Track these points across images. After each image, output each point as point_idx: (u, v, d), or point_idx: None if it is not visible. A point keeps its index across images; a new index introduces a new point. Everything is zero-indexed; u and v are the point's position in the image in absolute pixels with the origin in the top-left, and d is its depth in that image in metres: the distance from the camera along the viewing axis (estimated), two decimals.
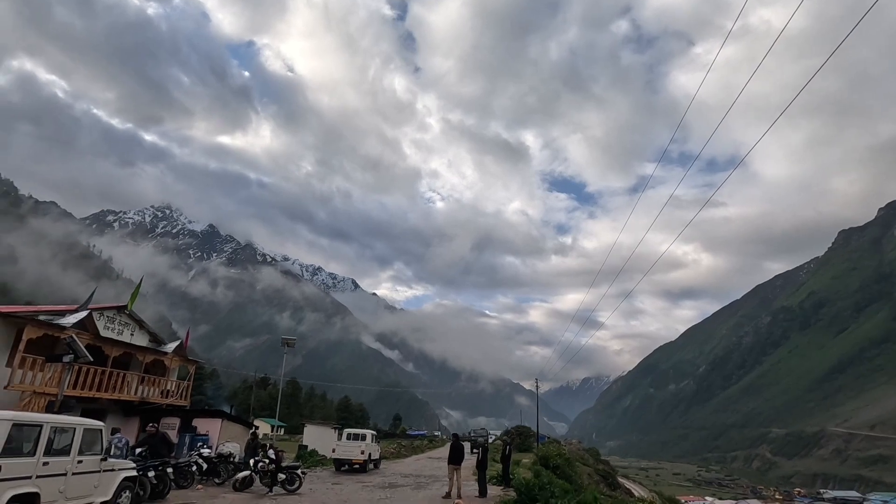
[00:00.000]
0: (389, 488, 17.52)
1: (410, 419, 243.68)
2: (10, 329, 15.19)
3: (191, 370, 23.93)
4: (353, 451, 23.72)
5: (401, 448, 43.16)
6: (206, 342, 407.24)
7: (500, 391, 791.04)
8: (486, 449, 16.64)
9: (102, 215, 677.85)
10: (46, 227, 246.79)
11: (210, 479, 16.36)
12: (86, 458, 8.42)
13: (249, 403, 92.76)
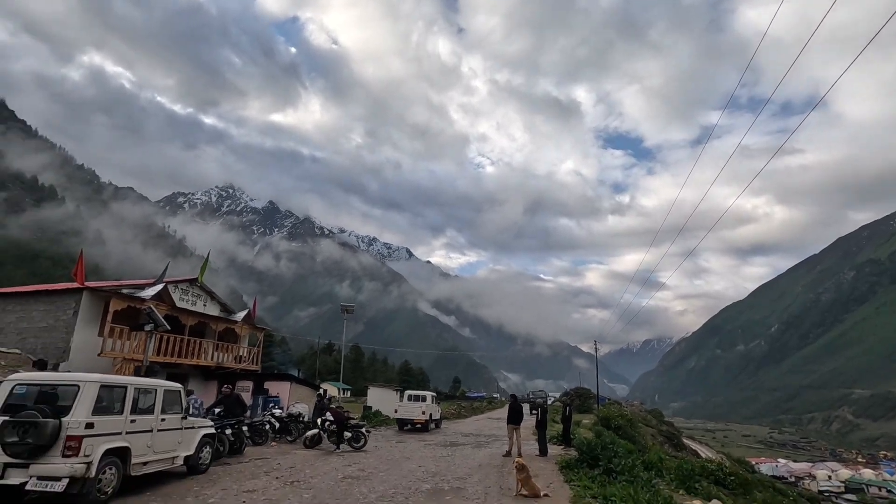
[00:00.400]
0: (450, 446, 17.95)
1: (469, 382, 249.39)
2: (99, 302, 16.59)
3: (259, 337, 25.37)
4: (415, 412, 24.48)
5: (461, 409, 44.27)
6: (273, 312, 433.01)
7: (558, 354, 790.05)
8: (546, 409, 16.55)
9: (174, 197, 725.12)
10: (126, 210, 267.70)
11: (283, 437, 17.44)
12: (168, 416, 9.08)
13: (316, 368, 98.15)
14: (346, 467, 11.83)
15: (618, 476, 10.66)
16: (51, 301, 16.56)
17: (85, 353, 15.78)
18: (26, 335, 16.24)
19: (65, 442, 6.91)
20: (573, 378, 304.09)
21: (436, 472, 11.53)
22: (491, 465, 13.01)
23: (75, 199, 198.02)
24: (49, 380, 7.64)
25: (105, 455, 7.36)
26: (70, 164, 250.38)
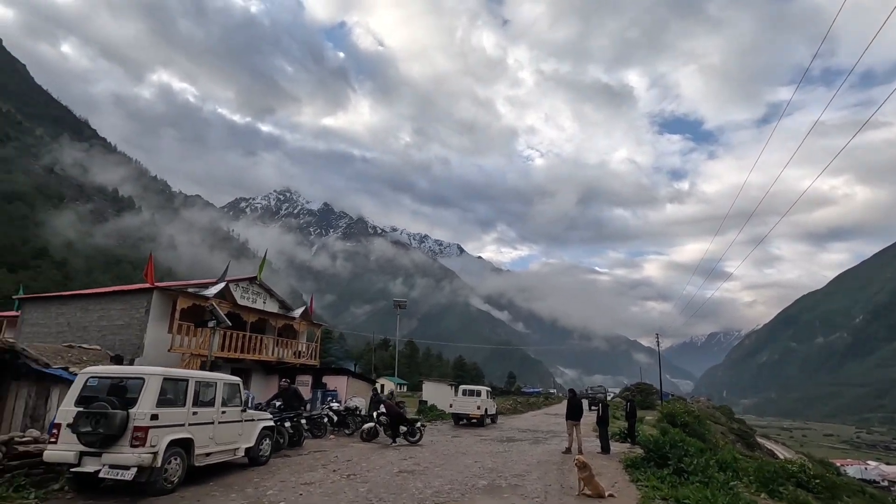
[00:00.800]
0: (507, 442, 17.56)
1: (524, 377, 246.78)
2: (168, 301, 17.55)
3: (317, 333, 26.05)
4: (470, 406, 24.26)
5: (517, 404, 43.66)
6: (331, 310, 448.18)
7: (616, 348, 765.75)
8: (607, 405, 15.79)
9: (237, 202, 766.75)
10: (194, 216, 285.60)
11: (341, 430, 17.72)
12: (228, 408, 9.32)
13: (372, 363, 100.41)
14: (401, 461, 11.75)
15: (689, 476, 9.88)
16: (126, 300, 17.71)
17: (157, 348, 16.72)
18: (106, 332, 17.45)
19: (132, 432, 7.18)
20: (633, 373, 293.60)
21: (492, 468, 11.20)
22: (550, 463, 12.52)
23: (150, 208, 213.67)
24: (118, 373, 8.00)
25: (170, 446, 7.60)
26: (145, 175, 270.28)
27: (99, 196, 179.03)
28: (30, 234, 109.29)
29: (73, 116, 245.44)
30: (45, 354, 13.37)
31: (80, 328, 18.05)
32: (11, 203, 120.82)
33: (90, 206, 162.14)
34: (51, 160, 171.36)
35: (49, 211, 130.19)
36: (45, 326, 18.86)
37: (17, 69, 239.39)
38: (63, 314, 18.73)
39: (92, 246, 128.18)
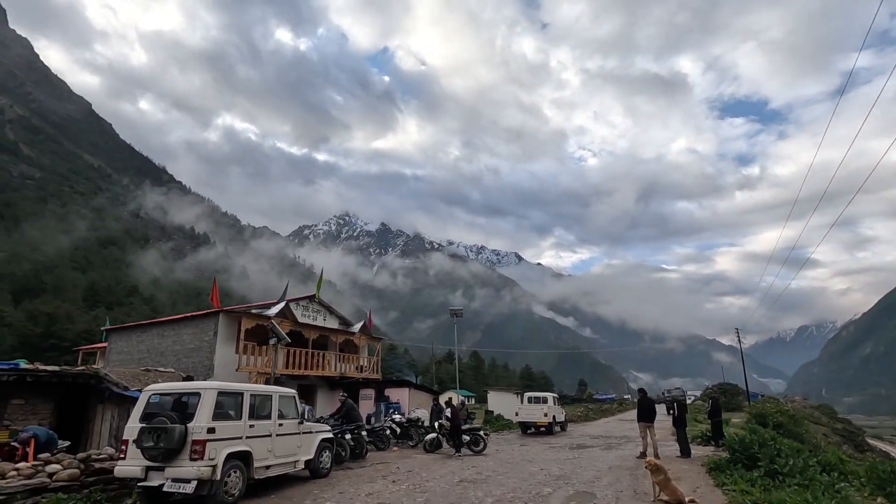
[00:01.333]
0: (577, 449, 16.66)
1: (596, 384, 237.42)
2: (233, 323, 18.35)
3: (377, 346, 26.31)
4: (536, 414, 23.42)
5: (588, 411, 41.83)
6: (396, 326, 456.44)
7: (693, 349, 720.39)
8: (683, 405, 14.54)
9: (300, 230, 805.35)
10: (263, 246, 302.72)
11: (404, 441, 17.59)
12: (285, 421, 9.40)
13: (433, 375, 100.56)
14: (463, 471, 11.35)
15: (785, 479, 8.73)
16: (196, 325, 18.73)
17: (226, 368, 17.48)
18: (180, 356, 18.51)
19: (191, 446, 7.35)
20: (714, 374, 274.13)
21: (560, 476, 10.54)
22: (623, 468, 11.63)
23: (223, 242, 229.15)
24: (177, 389, 8.28)
25: (228, 459, 7.71)
26: (217, 212, 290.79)
27: (178, 234, 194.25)
28: (122, 275, 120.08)
29: (153, 165, 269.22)
30: (125, 378, 14.30)
31: (157, 353, 19.29)
32: (106, 248, 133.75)
33: (171, 244, 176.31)
34: (136, 206, 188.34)
35: (137, 252, 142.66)
36: (128, 354, 20.34)
37: (104, 128, 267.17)
38: (143, 341, 20.13)
39: (174, 280, 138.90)
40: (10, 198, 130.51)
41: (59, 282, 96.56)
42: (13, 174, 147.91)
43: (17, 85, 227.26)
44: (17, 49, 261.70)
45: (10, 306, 73.84)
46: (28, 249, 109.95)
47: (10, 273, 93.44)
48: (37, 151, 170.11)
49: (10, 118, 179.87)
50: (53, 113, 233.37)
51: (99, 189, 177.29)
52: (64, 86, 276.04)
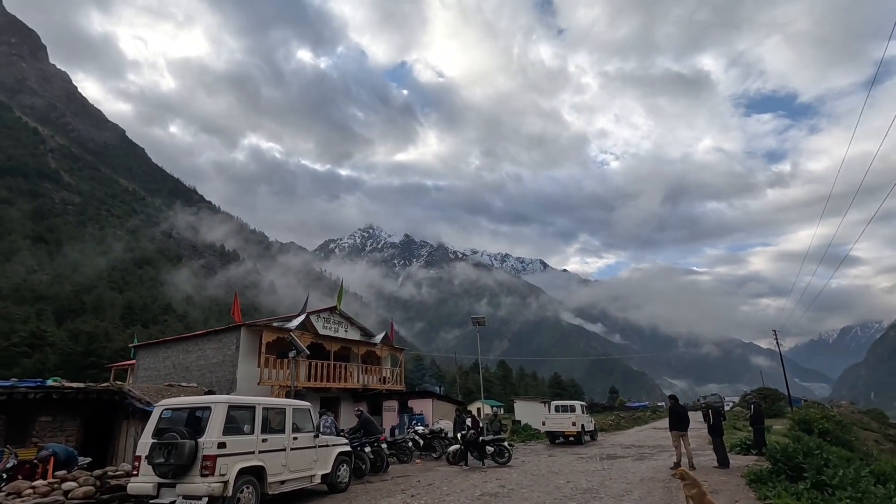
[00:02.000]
0: (607, 459, 15.96)
1: (628, 391, 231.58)
2: (255, 336, 18.41)
3: (400, 357, 26.06)
4: (564, 423, 22.71)
5: (619, 420, 40.53)
6: (423, 336, 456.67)
7: (730, 353, 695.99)
8: (719, 411, 13.75)
9: (326, 244, 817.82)
10: (290, 261, 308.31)
11: (427, 453, 17.23)
12: (300, 435, 9.20)
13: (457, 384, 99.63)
14: (485, 483, 10.92)
15: (835, 492, 8.02)
16: (218, 339, 18.87)
17: (248, 382, 17.50)
18: (204, 371, 18.66)
19: (201, 461, 7.20)
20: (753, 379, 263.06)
21: (587, 489, 10.00)
22: (655, 480, 10.98)
23: (252, 258, 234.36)
24: (187, 404, 8.18)
25: (240, 474, 7.53)
26: (245, 230, 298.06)
27: (209, 252, 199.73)
28: (157, 293, 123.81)
29: (183, 186, 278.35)
30: (149, 394, 14.42)
31: (182, 369, 19.51)
32: (142, 268, 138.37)
33: (202, 261, 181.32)
34: (168, 226, 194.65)
35: (170, 270, 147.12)
36: (155, 370, 20.66)
37: (138, 153, 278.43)
38: (168, 357, 20.42)
39: (206, 297, 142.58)
40: (52, 223, 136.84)
41: (98, 302, 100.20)
42: (55, 200, 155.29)
43: (57, 116, 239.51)
44: (58, 82, 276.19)
45: (54, 326, 76.87)
46: (69, 271, 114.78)
47: (54, 294, 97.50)
48: (76, 178, 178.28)
49: (51, 147, 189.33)
50: (91, 140, 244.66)
51: (134, 211, 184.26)
52: (100, 115, 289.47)
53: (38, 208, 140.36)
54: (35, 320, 75.27)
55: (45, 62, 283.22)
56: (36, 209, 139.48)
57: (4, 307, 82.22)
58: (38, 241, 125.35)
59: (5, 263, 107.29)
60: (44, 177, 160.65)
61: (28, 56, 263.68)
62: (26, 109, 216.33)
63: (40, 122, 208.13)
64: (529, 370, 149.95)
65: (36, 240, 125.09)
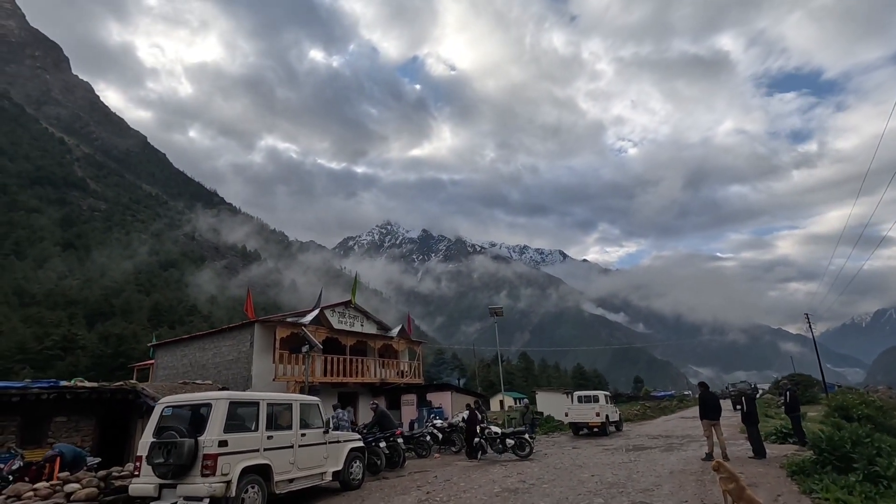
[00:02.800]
0: (634, 451, 15.30)
1: (653, 381, 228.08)
2: (269, 332, 18.23)
3: (418, 350, 25.70)
4: (588, 414, 22.06)
5: (646, 409, 39.54)
6: (444, 331, 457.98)
7: (758, 340, 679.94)
8: (753, 398, 12.94)
9: (345, 242, 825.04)
10: (309, 259, 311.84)
11: (447, 448, 16.82)
12: (308, 431, 8.82)
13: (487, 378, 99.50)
14: (505, 479, 10.41)
15: (892, 484, 7.27)
16: (233, 336, 18.76)
17: (263, 378, 17.33)
18: (221, 368, 18.58)
19: (202, 461, 6.86)
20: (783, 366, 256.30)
21: (613, 483, 9.41)
22: (686, 473, 10.31)
23: (272, 258, 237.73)
24: (188, 401, 7.84)
25: (244, 473, 7.18)
26: (265, 230, 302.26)
27: (230, 252, 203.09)
28: (182, 295, 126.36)
29: (205, 189, 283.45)
30: (163, 392, 14.29)
31: (199, 366, 19.47)
32: (167, 270, 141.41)
33: (224, 262, 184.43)
34: (191, 228, 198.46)
35: (194, 272, 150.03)
36: (173, 368, 20.70)
37: (160, 159, 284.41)
38: (186, 355, 20.42)
39: (229, 297, 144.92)
40: (81, 230, 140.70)
41: (126, 305, 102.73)
42: (83, 208, 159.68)
43: (82, 126, 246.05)
44: (81, 92, 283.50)
45: (84, 329, 79.07)
46: (98, 276, 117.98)
47: (84, 299, 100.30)
48: (102, 185, 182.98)
49: (77, 157, 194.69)
50: (115, 148, 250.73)
51: (157, 215, 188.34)
52: (122, 122, 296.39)
53: (66, 216, 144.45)
54: (67, 324, 77.54)
55: (68, 73, 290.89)
56: (65, 217, 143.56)
57: (38, 312, 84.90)
58: (68, 247, 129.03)
59: (38, 270, 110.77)
60: (71, 185, 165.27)
61: (52, 68, 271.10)
62: (52, 120, 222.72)
63: (66, 132, 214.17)
64: (551, 361, 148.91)
65: (66, 246, 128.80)
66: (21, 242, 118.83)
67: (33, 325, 76.09)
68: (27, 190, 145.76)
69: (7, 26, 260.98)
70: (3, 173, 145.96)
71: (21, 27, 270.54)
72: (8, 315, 79.67)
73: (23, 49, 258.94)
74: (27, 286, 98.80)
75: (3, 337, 68.46)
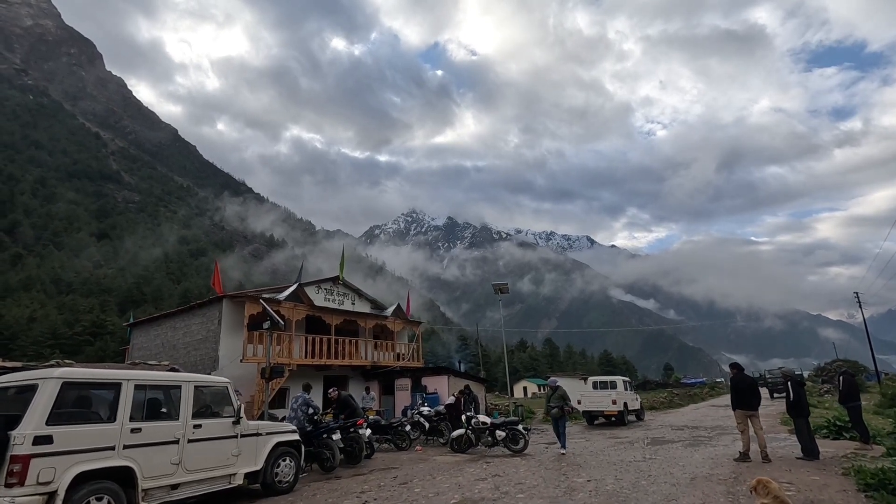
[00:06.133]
0: (653, 445, 12.90)
1: (684, 368, 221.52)
2: (239, 309, 16.43)
3: (417, 331, 23.67)
4: (603, 401, 19.69)
5: (673, 397, 36.66)
6: (470, 317, 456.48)
7: (796, 326, 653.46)
8: (802, 383, 10.30)
9: (371, 231, 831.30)
10: (334, 246, 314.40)
11: (434, 438, 14.78)
12: (207, 421, 6.82)
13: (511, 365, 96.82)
14: (475, 483, 8.23)
15: None
16: (203, 314, 17.08)
17: (232, 359, 15.59)
18: (190, 348, 16.97)
19: (8, 465, 4.91)
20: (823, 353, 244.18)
21: (612, 493, 7.09)
22: (714, 479, 7.89)
23: (298, 245, 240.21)
24: (12, 382, 5.88)
25: (81, 480, 5.21)
26: (292, 218, 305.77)
27: (256, 239, 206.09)
28: (210, 282, 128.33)
29: (234, 180, 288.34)
30: None
31: (170, 347, 17.94)
32: (197, 259, 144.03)
33: (250, 248, 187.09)
34: (219, 217, 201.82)
35: (221, 259, 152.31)
36: (147, 349, 19.27)
37: (190, 151, 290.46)
38: (159, 335, 18.94)
39: (252, 283, 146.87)
40: (116, 221, 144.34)
41: (157, 292, 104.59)
42: (118, 199, 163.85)
43: (116, 120, 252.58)
44: (114, 87, 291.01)
45: (115, 316, 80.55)
46: (131, 265, 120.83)
47: (117, 286, 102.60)
48: (136, 178, 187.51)
49: (112, 150, 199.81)
50: (147, 141, 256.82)
51: (188, 206, 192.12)
52: (154, 116, 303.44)
53: (102, 207, 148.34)
54: (98, 311, 79.07)
55: (102, 69, 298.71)
56: (100, 208, 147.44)
57: (72, 300, 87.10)
58: (103, 237, 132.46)
59: (75, 259, 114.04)
60: (107, 178, 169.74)
61: (86, 64, 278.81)
62: (88, 115, 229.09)
63: (101, 127, 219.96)
64: (578, 348, 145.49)
65: (101, 237, 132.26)
66: (59, 233, 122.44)
67: (66, 312, 77.92)
68: (65, 183, 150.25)
69: (45, 26, 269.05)
70: (43, 167, 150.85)
71: (57, 26, 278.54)
72: (44, 302, 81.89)
73: (59, 47, 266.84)
74: (63, 275, 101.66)
75: (37, 323, 70.13)
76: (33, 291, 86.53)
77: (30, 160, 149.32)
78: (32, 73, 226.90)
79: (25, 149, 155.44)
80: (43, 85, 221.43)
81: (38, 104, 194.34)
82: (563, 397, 12.17)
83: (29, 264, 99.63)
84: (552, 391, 12.61)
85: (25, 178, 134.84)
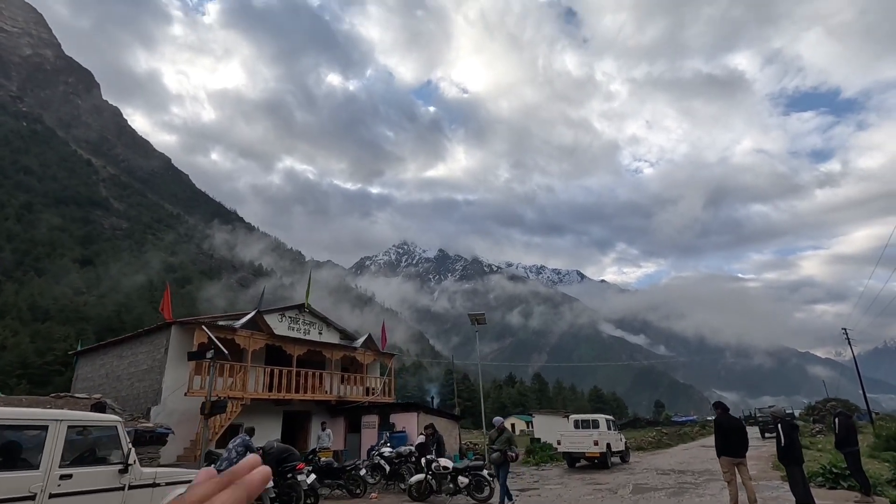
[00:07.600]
0: (634, 493, 11.67)
1: (675, 405, 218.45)
2: (190, 337, 15.19)
3: (389, 364, 22.33)
4: (585, 442, 18.34)
5: (662, 436, 35.15)
6: (460, 351, 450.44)
7: (785, 363, 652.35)
8: (794, 425, 9.26)
9: (361, 262, 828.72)
10: (323, 276, 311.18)
11: (394, 483, 13.38)
12: (82, 470, 5.62)
13: (499, 400, 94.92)
14: None
15: None
16: (150, 342, 15.77)
17: (177, 392, 14.23)
18: (134, 379, 15.58)
19: None
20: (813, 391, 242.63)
21: None
22: None
23: (286, 274, 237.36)
24: None
25: None
26: (281, 248, 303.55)
27: (244, 267, 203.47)
28: (193, 310, 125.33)
29: (224, 209, 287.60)
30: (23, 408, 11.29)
31: (114, 378, 16.51)
32: (183, 287, 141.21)
33: (238, 275, 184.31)
34: (207, 245, 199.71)
35: (207, 286, 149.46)
36: (91, 380, 17.78)
37: (183, 179, 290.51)
38: (104, 365, 17.50)
39: (238, 310, 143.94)
40: (101, 247, 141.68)
41: (137, 321, 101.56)
42: (105, 226, 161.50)
43: (109, 148, 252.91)
44: (109, 116, 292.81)
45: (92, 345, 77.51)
46: (112, 292, 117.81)
47: (96, 314, 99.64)
48: (125, 205, 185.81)
49: (103, 177, 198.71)
50: (140, 169, 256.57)
51: (177, 233, 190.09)
52: (147, 145, 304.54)
53: (87, 234, 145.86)
54: (73, 339, 76.21)
55: (98, 98, 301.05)
56: (86, 235, 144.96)
57: (48, 327, 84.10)
58: (87, 264, 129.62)
59: (55, 286, 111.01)
60: (95, 204, 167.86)
61: (83, 93, 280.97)
62: (81, 143, 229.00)
63: (93, 154, 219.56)
64: (568, 383, 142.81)
65: (84, 263, 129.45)
66: (41, 259, 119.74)
67: (38, 341, 75.05)
68: (52, 209, 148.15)
69: (44, 55, 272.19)
70: (30, 192, 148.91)
71: (57, 55, 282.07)
72: (17, 330, 78.94)
73: (57, 76, 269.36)
74: (41, 301, 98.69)
75: (7, 351, 67.33)
76: (7, 318, 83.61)
77: (17, 185, 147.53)
78: (28, 100, 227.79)
79: (14, 174, 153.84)
80: (38, 112, 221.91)
81: (32, 131, 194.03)
82: (508, 440, 10.52)
83: (7, 290, 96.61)
84: (498, 433, 10.91)
85: (11, 204, 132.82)
